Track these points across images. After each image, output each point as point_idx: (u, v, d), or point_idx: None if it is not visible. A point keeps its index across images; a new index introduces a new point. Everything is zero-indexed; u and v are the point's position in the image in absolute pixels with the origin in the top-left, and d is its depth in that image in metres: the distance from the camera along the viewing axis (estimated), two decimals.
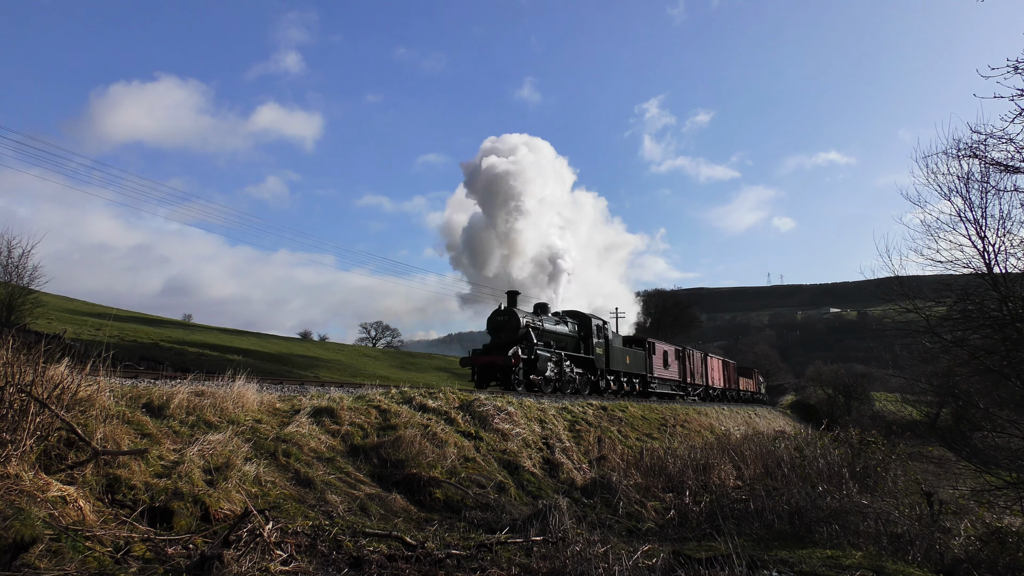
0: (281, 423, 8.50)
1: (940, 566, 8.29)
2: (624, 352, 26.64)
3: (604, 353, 24.49)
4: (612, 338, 25.59)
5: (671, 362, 33.06)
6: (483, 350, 20.31)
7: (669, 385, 32.43)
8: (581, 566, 5.69)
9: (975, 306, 10.64)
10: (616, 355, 25.58)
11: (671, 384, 32.83)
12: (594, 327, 24.14)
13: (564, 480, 11.37)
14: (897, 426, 35.98)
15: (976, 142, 9.57)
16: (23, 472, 4.80)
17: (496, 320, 20.32)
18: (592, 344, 23.59)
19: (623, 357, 26.38)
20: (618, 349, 25.95)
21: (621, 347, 26.59)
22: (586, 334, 23.81)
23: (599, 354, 24.06)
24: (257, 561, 4.55)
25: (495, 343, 20.04)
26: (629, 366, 26.73)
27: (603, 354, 24.36)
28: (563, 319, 23.08)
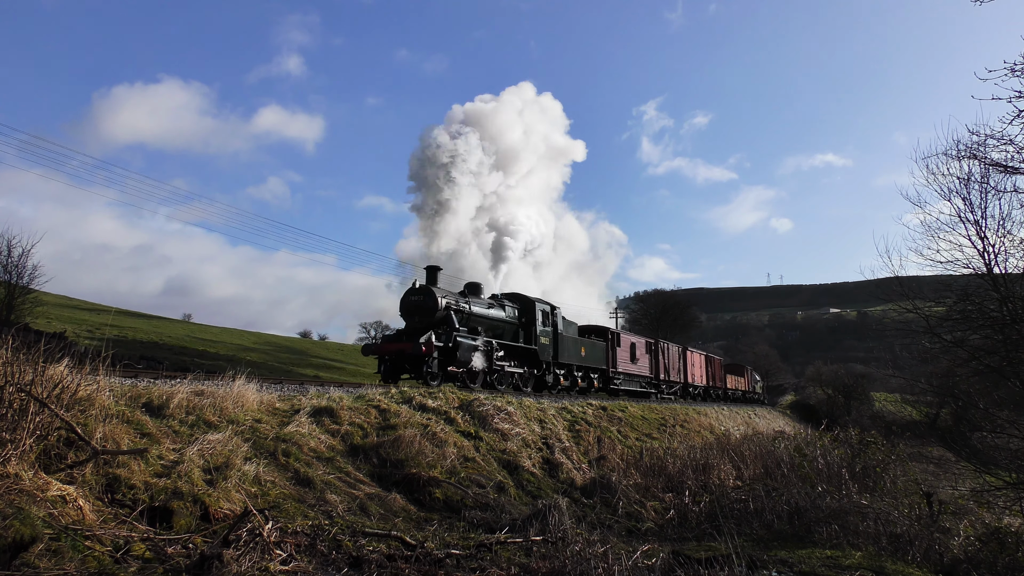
0: (281, 423, 8.50)
1: (940, 566, 8.30)
2: (578, 343, 23.30)
3: (551, 343, 21.14)
4: (564, 326, 22.38)
5: (640, 356, 29.52)
6: (395, 336, 17.33)
7: (637, 382, 29.06)
8: (581, 566, 5.69)
9: (975, 306, 10.65)
10: (567, 346, 22.23)
11: (640, 380, 29.40)
12: (539, 312, 20.65)
13: (564, 480, 11.37)
14: (897, 426, 35.98)
15: (975, 143, 9.59)
16: (23, 471, 4.80)
17: (409, 301, 17.10)
18: (535, 332, 20.22)
19: (577, 348, 23.04)
20: (570, 339, 22.64)
21: (575, 337, 23.31)
22: (528, 320, 20.41)
23: (544, 344, 20.61)
24: (257, 561, 4.55)
25: (409, 328, 16.96)
26: (585, 359, 23.47)
27: (549, 344, 20.98)
28: (500, 302, 19.94)
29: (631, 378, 28.33)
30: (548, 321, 21.16)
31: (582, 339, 23.81)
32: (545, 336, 20.83)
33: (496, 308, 19.44)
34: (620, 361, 26.96)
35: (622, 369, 27.11)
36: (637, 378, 29.03)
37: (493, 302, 19.59)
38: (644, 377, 29.91)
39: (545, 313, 21.07)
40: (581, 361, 23.17)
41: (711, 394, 41.16)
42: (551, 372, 21.18)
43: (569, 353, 22.29)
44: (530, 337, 20.28)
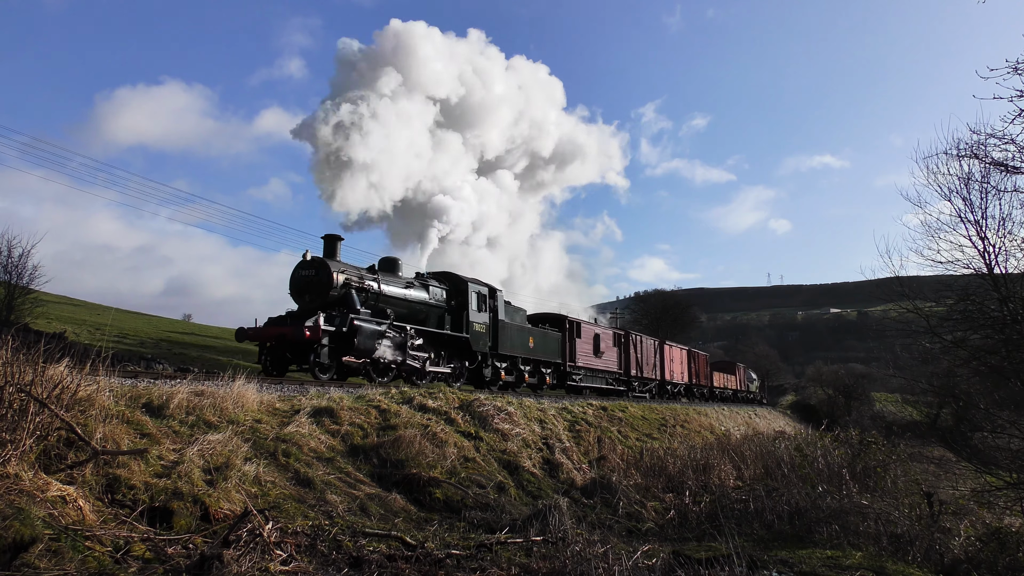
0: (281, 423, 8.50)
1: (940, 566, 8.29)
2: (526, 332, 20.36)
3: (489, 331, 18.20)
4: (507, 313, 19.60)
5: (606, 349, 26.29)
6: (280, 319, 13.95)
7: (602, 378, 26.01)
8: (581, 566, 5.69)
9: (975, 306, 10.65)
10: (510, 335, 19.26)
11: (605, 376, 26.30)
12: (473, 295, 17.72)
13: (564, 480, 11.37)
14: (897, 426, 36.00)
15: (976, 143, 9.60)
16: (23, 472, 4.80)
17: (298, 276, 14.18)
18: (468, 318, 17.40)
19: (523, 338, 20.12)
20: (515, 327, 19.73)
21: (522, 325, 20.39)
22: (459, 304, 17.52)
23: (479, 332, 17.65)
24: (257, 561, 4.54)
25: (301, 310, 14.17)
26: (534, 351, 20.56)
27: (486, 332, 18.04)
28: (423, 282, 17.05)
29: (594, 374, 25.27)
30: (485, 305, 18.19)
31: (531, 328, 20.97)
32: (481, 323, 17.87)
33: (417, 289, 16.52)
34: (580, 354, 23.95)
35: (583, 363, 24.14)
36: (602, 374, 25.89)
37: (414, 281, 16.67)
38: (611, 373, 26.69)
39: (481, 296, 18.09)
40: (528, 353, 20.24)
41: (694, 393, 37.70)
42: (489, 365, 18.31)
43: (513, 343, 19.33)
44: (461, 323, 17.31)
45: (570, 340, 23.42)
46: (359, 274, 14.90)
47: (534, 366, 21.04)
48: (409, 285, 16.43)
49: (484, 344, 18.06)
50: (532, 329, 21.04)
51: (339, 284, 14.03)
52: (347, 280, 14.28)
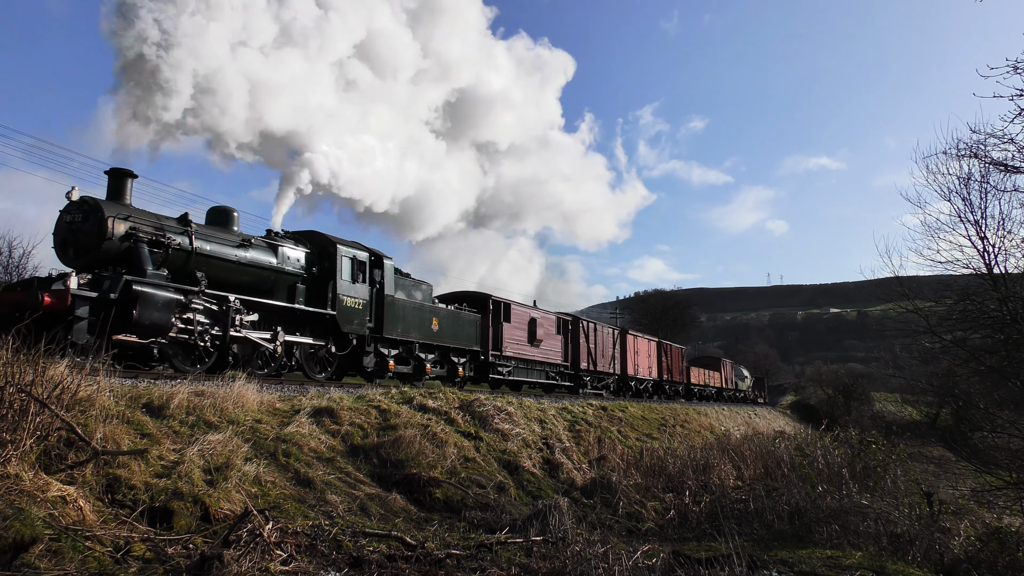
0: (281, 423, 8.50)
1: (940, 566, 8.30)
2: (426, 312, 16.43)
3: (369, 308, 14.45)
4: (402, 288, 15.89)
5: (546, 336, 22.32)
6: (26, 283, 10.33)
7: (542, 371, 22.32)
8: (581, 566, 5.69)
9: (975, 306, 10.65)
10: (403, 314, 15.47)
11: (545, 369, 22.51)
12: (344, 262, 13.91)
13: (564, 480, 11.37)
14: (897, 426, 36.03)
15: (976, 142, 9.60)
16: (23, 472, 4.80)
17: (62, 224, 10.52)
18: (336, 291, 13.58)
19: (423, 320, 16.21)
20: (410, 305, 15.82)
21: (421, 304, 16.41)
22: (324, 272, 13.63)
23: (352, 308, 13.86)
24: (257, 561, 4.55)
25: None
26: (440, 335, 16.75)
27: (364, 310, 14.25)
28: (271, 241, 12.97)
29: (529, 365, 21.49)
30: (364, 276, 14.48)
31: (436, 307, 17.10)
32: (355, 298, 14.06)
33: (259, 249, 12.44)
34: (509, 342, 20.11)
35: (513, 352, 20.27)
36: (540, 365, 22.14)
37: (255, 240, 12.55)
38: (552, 365, 22.85)
39: (358, 264, 14.36)
40: (431, 338, 16.47)
41: (666, 391, 33.51)
42: (371, 351, 14.63)
43: (407, 325, 15.63)
44: (327, 297, 13.45)
45: (494, 324, 19.49)
46: (156, 224, 10.87)
47: (441, 354, 17.13)
48: (245, 244, 12.14)
49: (361, 324, 14.18)
50: (437, 308, 17.02)
51: (118, 235, 10.29)
52: (132, 230, 10.47)
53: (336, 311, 13.58)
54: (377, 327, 14.84)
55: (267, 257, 12.71)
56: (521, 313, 21.29)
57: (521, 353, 20.92)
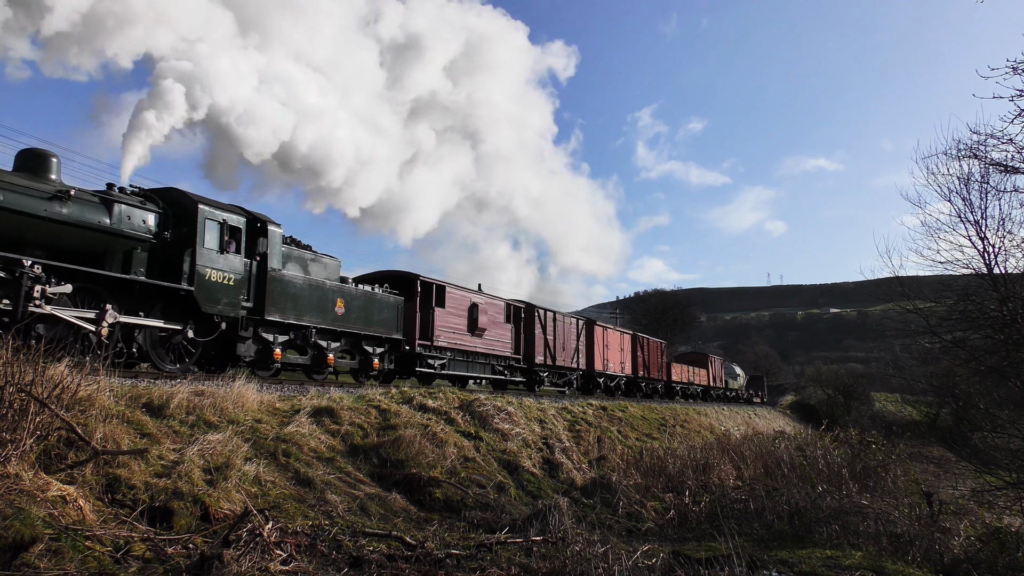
0: (281, 423, 8.51)
1: (940, 566, 8.30)
2: (327, 292, 13.66)
3: (245, 284, 11.86)
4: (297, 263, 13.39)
5: (490, 325, 19.36)
6: None
7: (485, 364, 19.29)
8: (581, 566, 5.69)
9: (975, 306, 10.65)
10: (294, 293, 12.81)
11: (491, 363, 19.54)
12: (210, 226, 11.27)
13: (564, 480, 11.37)
14: (897, 426, 36.01)
15: (976, 143, 9.60)
16: (23, 472, 4.80)
17: None
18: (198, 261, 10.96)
19: (322, 301, 13.47)
20: (304, 284, 13.08)
21: (321, 283, 13.56)
22: (183, 237, 11.02)
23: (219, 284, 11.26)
24: (257, 561, 4.55)
25: None
26: (347, 320, 14.05)
27: (236, 285, 11.58)
28: (105, 196, 10.40)
29: (469, 357, 18.61)
30: (237, 245, 11.76)
31: (345, 288, 14.28)
32: (224, 271, 11.36)
33: (82, 205, 9.92)
34: (443, 330, 17.28)
35: (448, 342, 17.44)
36: (484, 358, 19.20)
37: (79, 193, 9.92)
38: (500, 358, 19.88)
39: (231, 230, 11.65)
40: (335, 322, 13.73)
41: (642, 388, 30.51)
42: (249, 337, 12.01)
43: (299, 306, 12.87)
44: (181, 268, 10.83)
45: (423, 309, 16.76)
46: None
47: (350, 342, 14.51)
48: (60, 197, 9.58)
49: (232, 304, 11.52)
50: (344, 289, 14.20)
51: None
52: None
53: (195, 286, 10.89)
54: (257, 308, 12.11)
55: (96, 215, 10.11)
56: (459, 297, 18.17)
57: (458, 343, 17.97)
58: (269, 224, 12.46)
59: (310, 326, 13.24)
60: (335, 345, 14.06)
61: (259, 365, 12.63)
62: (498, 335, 19.89)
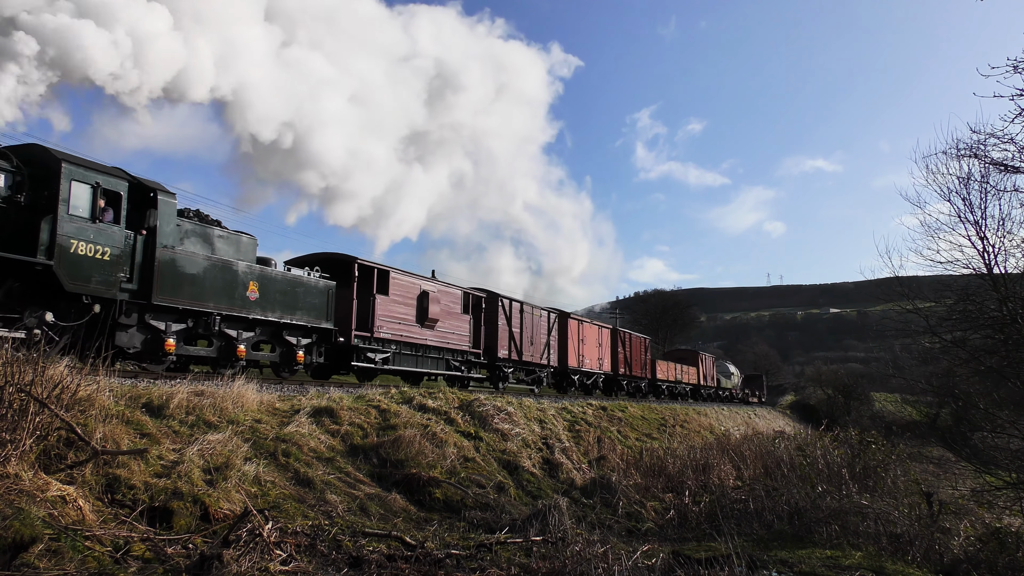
0: (281, 423, 8.51)
1: (940, 566, 8.30)
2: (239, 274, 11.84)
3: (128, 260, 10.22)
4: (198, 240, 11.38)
5: (444, 316, 17.37)
6: None
7: (438, 359, 17.37)
8: (581, 566, 5.69)
9: (975, 306, 10.65)
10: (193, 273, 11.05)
11: (446, 358, 17.62)
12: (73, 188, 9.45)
13: (564, 480, 11.37)
14: (897, 426, 36.01)
15: (976, 142, 9.60)
16: (23, 472, 4.80)
17: None
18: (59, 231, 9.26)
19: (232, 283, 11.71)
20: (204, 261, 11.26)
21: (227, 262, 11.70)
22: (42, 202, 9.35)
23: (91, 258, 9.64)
24: (257, 561, 4.55)
25: None
26: (263, 306, 12.26)
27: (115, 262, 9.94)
28: None
29: (419, 351, 16.66)
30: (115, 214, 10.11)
31: (263, 270, 12.42)
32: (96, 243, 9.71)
33: None
34: (386, 320, 15.39)
35: (391, 334, 15.55)
36: (437, 352, 17.31)
37: None
38: (456, 352, 18.04)
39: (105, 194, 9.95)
40: (246, 308, 11.92)
41: (623, 386, 28.87)
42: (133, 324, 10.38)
43: (201, 289, 11.15)
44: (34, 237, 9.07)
45: (363, 297, 14.97)
46: None
47: (268, 332, 12.64)
48: None
49: (109, 283, 9.86)
50: (259, 271, 12.28)
51: None
52: None
53: (56, 260, 9.15)
54: (143, 290, 10.39)
55: None
56: (405, 284, 16.27)
57: (405, 335, 16.05)
58: (160, 192, 10.74)
59: (214, 312, 11.38)
60: (247, 335, 12.14)
61: (148, 357, 10.69)
62: (453, 327, 17.95)
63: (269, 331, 12.77)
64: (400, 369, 16.31)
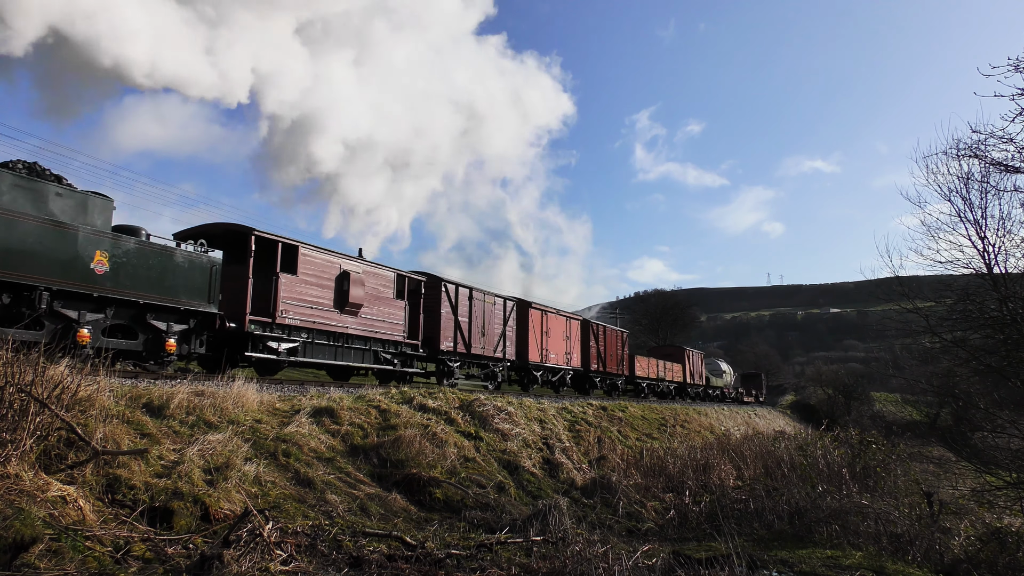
0: (281, 423, 8.50)
1: (940, 566, 8.31)
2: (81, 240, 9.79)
3: None
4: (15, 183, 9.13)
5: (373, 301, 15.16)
6: None
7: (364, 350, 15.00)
8: (581, 566, 5.69)
9: (975, 306, 10.64)
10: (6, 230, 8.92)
11: (374, 349, 15.22)
12: None
13: (564, 480, 11.37)
14: (897, 426, 36.05)
15: (976, 142, 9.59)
16: (23, 472, 4.80)
17: None
18: None
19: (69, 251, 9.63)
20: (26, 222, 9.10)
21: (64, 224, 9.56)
22: None
23: None
24: (257, 561, 4.55)
25: None
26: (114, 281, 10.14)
27: None
28: None
29: (339, 341, 14.29)
30: None
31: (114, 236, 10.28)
32: None
33: None
34: (293, 303, 13.08)
35: (300, 320, 13.19)
36: (362, 342, 14.95)
37: None
38: (387, 343, 15.64)
39: None
40: (90, 283, 9.88)
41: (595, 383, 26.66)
42: None
43: (23, 254, 9.10)
44: None
45: (261, 276, 12.68)
46: None
47: (128, 314, 10.52)
48: None
49: None
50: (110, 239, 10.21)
51: None
52: None
53: None
54: None
55: None
56: (319, 263, 13.89)
57: (320, 322, 13.67)
58: None
59: (38, 286, 9.23)
60: (94, 317, 9.97)
61: None
62: (383, 314, 15.59)
63: (128, 314, 10.51)
64: (314, 362, 13.92)
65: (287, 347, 13.13)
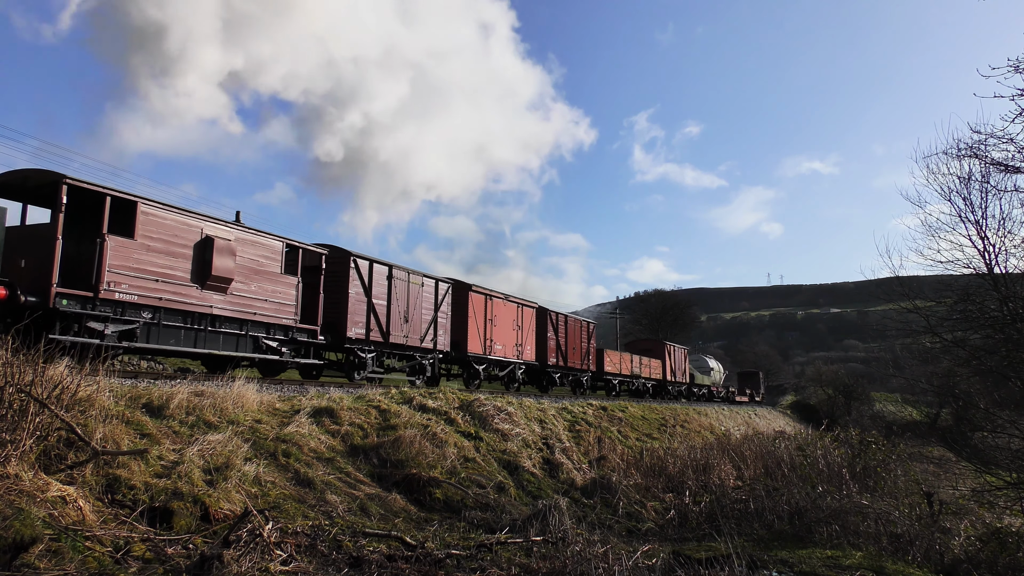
0: (281, 423, 8.50)
1: (940, 566, 8.30)
2: None
3: None
4: None
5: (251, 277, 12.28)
6: None
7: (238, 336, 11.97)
8: (581, 566, 5.69)
9: (975, 306, 10.64)
10: None
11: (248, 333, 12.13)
12: None
13: (564, 480, 11.37)
14: (897, 426, 36.04)
15: (976, 142, 9.59)
16: (23, 472, 4.80)
17: None
18: None
19: None
20: None
21: None
22: None
23: None
24: (257, 561, 4.55)
25: None
26: None
27: None
28: None
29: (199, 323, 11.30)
30: None
31: None
32: None
33: None
34: (128, 275, 10.17)
35: (139, 296, 10.29)
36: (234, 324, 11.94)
37: None
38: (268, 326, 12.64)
39: None
40: None
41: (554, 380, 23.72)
42: None
43: None
44: None
45: (80, 238, 10.39)
46: None
47: None
48: None
49: None
50: None
51: None
52: None
53: None
54: None
55: None
56: (170, 225, 10.94)
57: (169, 299, 10.80)
58: None
59: None
60: None
61: None
62: (265, 292, 12.61)
63: None
64: (161, 348, 10.85)
65: (117, 330, 10.13)
